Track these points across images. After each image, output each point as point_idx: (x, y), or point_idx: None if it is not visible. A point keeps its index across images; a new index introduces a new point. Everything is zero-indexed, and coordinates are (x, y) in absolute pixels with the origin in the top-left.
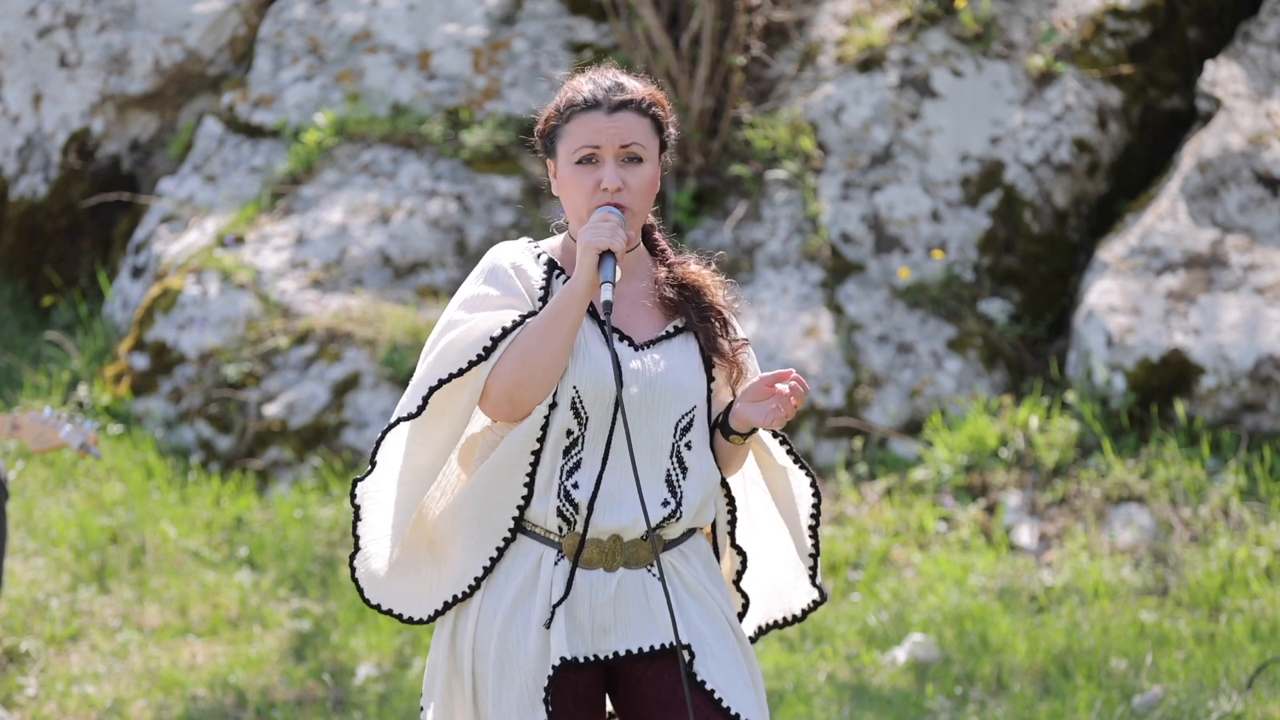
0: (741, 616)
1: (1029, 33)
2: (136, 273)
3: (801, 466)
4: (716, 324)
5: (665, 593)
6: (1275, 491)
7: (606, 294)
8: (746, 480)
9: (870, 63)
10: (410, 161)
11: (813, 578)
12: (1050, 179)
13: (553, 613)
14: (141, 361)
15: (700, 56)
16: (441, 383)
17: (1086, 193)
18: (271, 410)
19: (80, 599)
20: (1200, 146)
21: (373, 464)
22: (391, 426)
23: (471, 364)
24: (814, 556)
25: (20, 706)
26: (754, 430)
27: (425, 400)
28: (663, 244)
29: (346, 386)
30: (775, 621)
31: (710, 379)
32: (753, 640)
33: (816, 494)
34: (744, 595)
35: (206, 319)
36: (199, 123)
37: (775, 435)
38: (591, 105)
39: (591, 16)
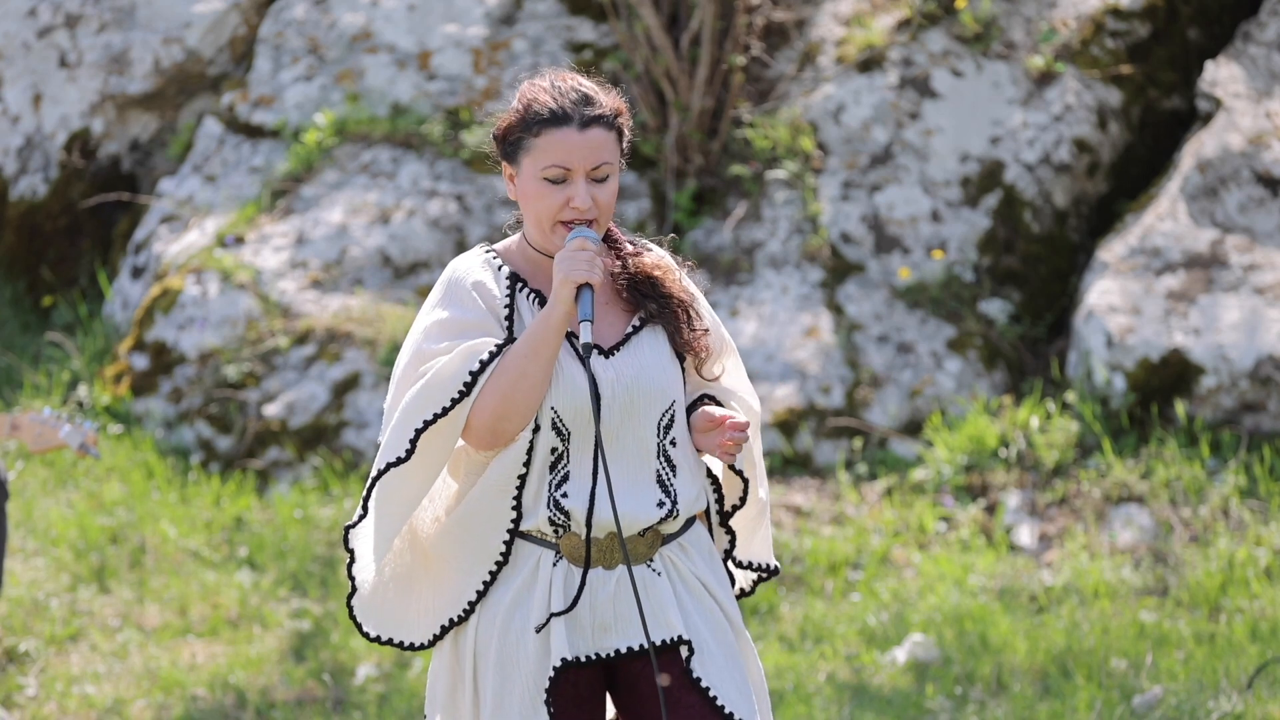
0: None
1: (1029, 33)
2: (136, 273)
3: (737, 471)
4: (680, 314)
5: (635, 593)
6: (1275, 491)
7: (586, 335)
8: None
9: (870, 63)
10: (410, 161)
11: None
12: (1050, 179)
13: (548, 619)
14: (141, 361)
15: (700, 56)
16: (427, 424)
17: (1086, 193)
18: (271, 410)
19: (80, 599)
20: (1200, 146)
21: (365, 510)
22: (381, 473)
23: (455, 401)
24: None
25: (20, 706)
26: None
27: (413, 444)
28: (616, 234)
29: (346, 386)
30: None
31: (682, 366)
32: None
33: (743, 499)
34: (730, 575)
35: (206, 319)
36: (199, 123)
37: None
38: (562, 120)
39: (591, 16)
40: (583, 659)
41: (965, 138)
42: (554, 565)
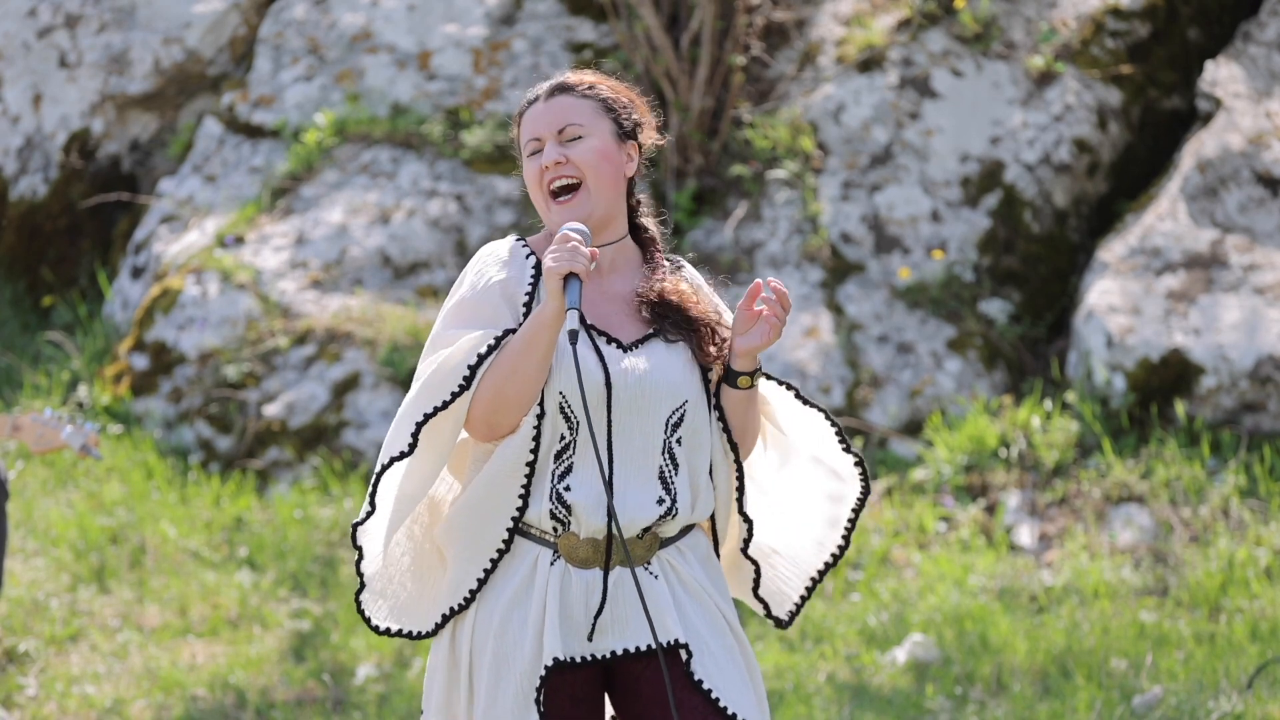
0: (757, 584)
1: (1029, 33)
2: (136, 273)
3: (809, 404)
4: (704, 334)
5: (639, 593)
6: (1275, 491)
7: (571, 322)
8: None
9: (870, 63)
10: (410, 161)
11: (847, 526)
12: (1050, 179)
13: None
14: (141, 361)
15: (700, 56)
16: (428, 417)
17: (1086, 193)
18: (271, 410)
19: (80, 599)
20: (1200, 146)
21: (372, 506)
22: (385, 468)
23: (455, 394)
24: (861, 467)
25: (20, 706)
26: (758, 370)
27: (415, 437)
28: (657, 255)
29: (346, 386)
30: (812, 581)
31: (705, 378)
32: (804, 602)
33: (834, 423)
34: (753, 562)
35: (206, 319)
36: (199, 123)
37: (788, 387)
38: (532, 101)
39: (591, 16)
40: (577, 660)
41: (965, 138)
42: (551, 565)
